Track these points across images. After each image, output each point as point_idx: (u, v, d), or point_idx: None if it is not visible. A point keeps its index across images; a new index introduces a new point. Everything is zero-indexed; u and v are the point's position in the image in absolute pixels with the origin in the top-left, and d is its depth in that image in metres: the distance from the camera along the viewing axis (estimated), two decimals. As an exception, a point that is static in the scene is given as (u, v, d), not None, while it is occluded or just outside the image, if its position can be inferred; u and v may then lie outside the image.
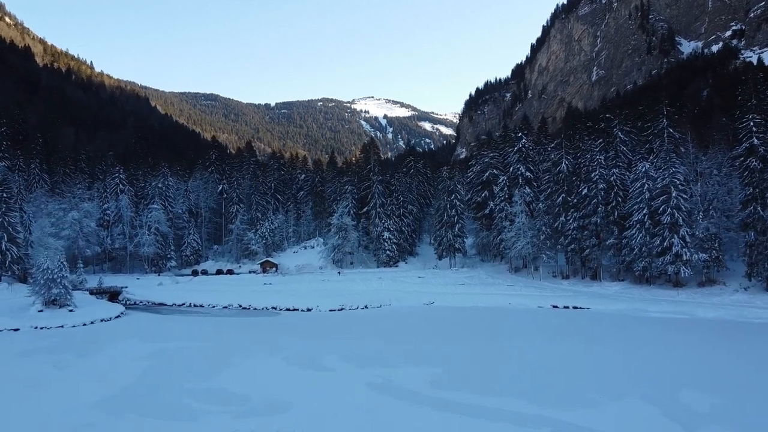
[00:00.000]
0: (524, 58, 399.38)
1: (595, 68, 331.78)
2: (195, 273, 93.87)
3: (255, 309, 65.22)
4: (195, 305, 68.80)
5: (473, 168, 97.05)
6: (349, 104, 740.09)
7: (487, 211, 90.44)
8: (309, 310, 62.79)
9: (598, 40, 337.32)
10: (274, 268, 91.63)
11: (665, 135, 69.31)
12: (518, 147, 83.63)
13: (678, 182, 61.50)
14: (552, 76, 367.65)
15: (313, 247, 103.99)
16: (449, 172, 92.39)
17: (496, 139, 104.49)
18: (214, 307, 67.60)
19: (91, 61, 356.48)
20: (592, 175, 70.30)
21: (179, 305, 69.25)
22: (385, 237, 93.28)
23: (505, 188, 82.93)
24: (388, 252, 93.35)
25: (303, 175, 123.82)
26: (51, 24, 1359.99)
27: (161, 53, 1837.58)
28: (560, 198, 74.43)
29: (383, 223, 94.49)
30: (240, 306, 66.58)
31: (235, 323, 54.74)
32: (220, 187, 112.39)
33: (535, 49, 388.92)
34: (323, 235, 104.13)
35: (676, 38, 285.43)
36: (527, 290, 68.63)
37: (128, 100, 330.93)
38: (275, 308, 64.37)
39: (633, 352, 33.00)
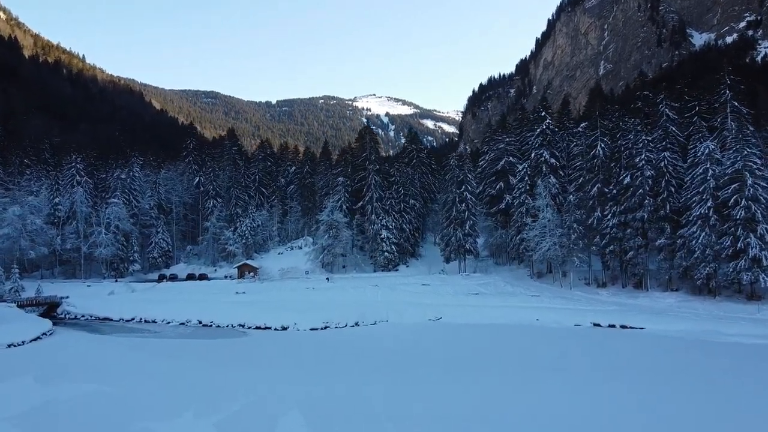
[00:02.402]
0: (529, 53, 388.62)
1: (602, 62, 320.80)
2: (162, 278, 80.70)
3: (218, 326, 52.41)
4: (146, 320, 56.18)
5: (485, 156, 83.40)
6: (350, 102, 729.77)
7: (502, 206, 76.93)
8: (284, 328, 49.89)
9: (606, 34, 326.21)
10: (252, 273, 78.36)
11: (728, 109, 56.05)
12: (541, 129, 70.07)
13: (754, 166, 48.26)
14: (557, 70, 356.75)
15: (300, 248, 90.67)
16: (458, 160, 78.49)
17: (511, 123, 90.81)
18: (168, 323, 54.88)
19: (83, 55, 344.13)
20: (637, 159, 56.99)
21: (127, 320, 56.56)
22: (382, 236, 79.84)
23: (526, 178, 69.44)
24: (386, 254, 79.93)
25: (293, 167, 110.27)
26: (53, 22, 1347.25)
27: (162, 51, 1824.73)
28: (595, 189, 61.16)
29: (381, 220, 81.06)
30: (200, 322, 53.79)
31: (181, 349, 41.70)
32: (197, 180, 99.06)
33: (540, 43, 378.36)
34: (312, 234, 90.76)
35: (687, 30, 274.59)
36: (557, 302, 55.50)
37: (121, 94, 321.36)
38: (242, 326, 51.58)
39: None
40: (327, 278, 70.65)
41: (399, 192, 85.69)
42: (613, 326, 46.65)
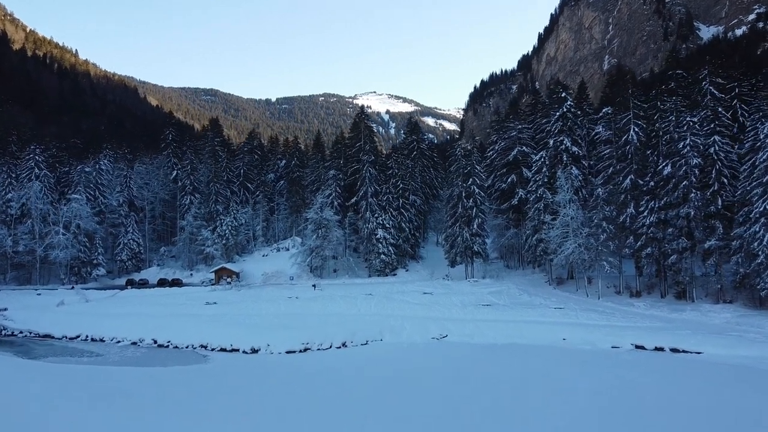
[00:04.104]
0: (531, 49, 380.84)
1: (606, 57, 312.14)
2: (130, 284, 71.55)
3: (175, 347, 43.23)
4: (93, 339, 47.12)
5: (494, 146, 74.01)
6: (351, 99, 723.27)
7: (515, 202, 67.58)
8: (254, 351, 40.65)
9: (610, 28, 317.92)
10: (230, 278, 69.13)
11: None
12: (561, 112, 60.54)
13: (835, 150, 38.89)
14: (561, 66, 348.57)
15: (287, 249, 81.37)
16: (465, 150, 68.74)
17: (523, 109, 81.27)
18: (119, 342, 45.69)
19: (76, 50, 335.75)
20: (680, 145, 47.62)
21: (71, 338, 47.52)
22: (378, 236, 70.46)
23: (544, 169, 59.96)
24: (382, 256, 70.53)
25: (283, 161, 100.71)
26: (54, 21, 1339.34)
27: (161, 49, 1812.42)
28: (628, 180, 51.83)
29: (376, 218, 71.67)
30: (154, 342, 44.54)
31: (115, 383, 32.14)
32: (174, 174, 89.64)
33: (543, 38, 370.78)
34: (301, 234, 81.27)
35: (695, 23, 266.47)
36: (586, 316, 46.21)
37: (114, 90, 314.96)
38: (205, 347, 42.32)
39: None
40: (314, 285, 61.27)
41: (397, 186, 76.16)
42: (660, 349, 37.35)
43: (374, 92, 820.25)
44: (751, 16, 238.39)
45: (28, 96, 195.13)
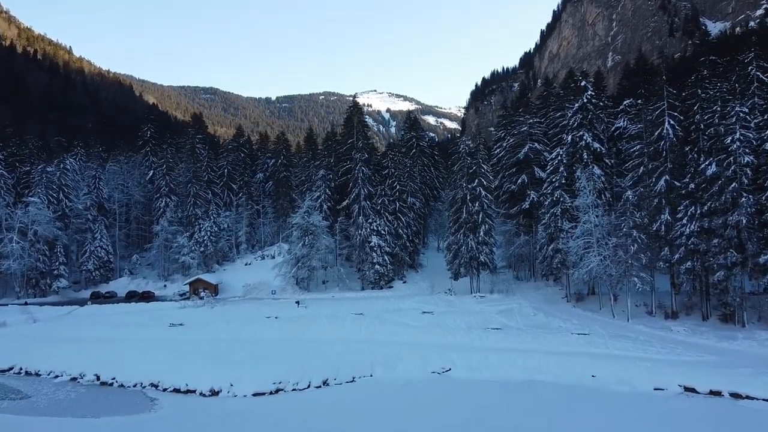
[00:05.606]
0: (533, 46, 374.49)
1: (610, 53, 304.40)
2: (95, 297, 63.96)
3: (120, 386, 35.79)
4: (28, 372, 39.60)
5: (502, 143, 66.26)
6: (351, 98, 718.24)
7: (525, 206, 59.91)
8: (214, 393, 33.21)
9: (614, 24, 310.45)
10: (202, 291, 61.38)
11: None
12: (581, 104, 52.74)
13: None
14: (563, 63, 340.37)
15: (273, 257, 73.70)
16: (470, 148, 60.53)
17: (533, 102, 73.39)
18: (57, 377, 38.45)
19: (70, 47, 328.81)
20: (728, 140, 40.01)
21: (3, 371, 40.24)
22: (372, 244, 62.71)
23: (561, 168, 52.16)
24: (377, 266, 62.75)
25: (272, 160, 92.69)
26: (54, 21, 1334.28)
27: (161, 48, 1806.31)
28: (662, 182, 44.18)
29: (370, 224, 63.90)
30: (97, 378, 37.19)
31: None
32: (150, 174, 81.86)
33: (545, 35, 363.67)
34: (287, 241, 73.45)
35: (700, 19, 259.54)
36: (616, 344, 38.57)
37: (109, 87, 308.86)
38: (155, 386, 34.81)
39: None
40: (297, 302, 53.45)
41: (394, 188, 68.21)
42: (717, 393, 30.06)
43: (375, 91, 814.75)
44: (759, 12, 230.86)
45: (10, 92, 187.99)
